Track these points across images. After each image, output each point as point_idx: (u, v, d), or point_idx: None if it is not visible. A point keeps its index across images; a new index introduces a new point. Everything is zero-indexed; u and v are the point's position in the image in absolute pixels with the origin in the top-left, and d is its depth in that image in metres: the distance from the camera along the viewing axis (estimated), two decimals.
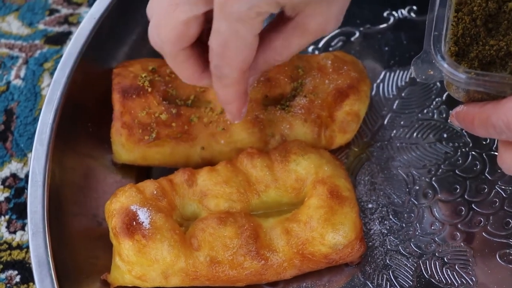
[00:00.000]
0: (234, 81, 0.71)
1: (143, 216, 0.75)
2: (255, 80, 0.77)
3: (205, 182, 0.78)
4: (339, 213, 0.76)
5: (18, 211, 0.87)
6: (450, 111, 0.74)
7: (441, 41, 0.71)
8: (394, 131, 0.86)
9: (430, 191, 0.83)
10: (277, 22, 0.71)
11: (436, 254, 0.80)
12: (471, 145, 0.84)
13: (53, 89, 0.83)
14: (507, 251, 0.79)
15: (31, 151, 0.89)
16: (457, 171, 0.83)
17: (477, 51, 0.72)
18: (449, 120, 0.76)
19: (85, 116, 0.85)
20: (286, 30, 0.70)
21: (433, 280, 0.79)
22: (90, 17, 0.86)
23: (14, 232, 0.86)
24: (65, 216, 0.79)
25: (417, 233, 0.81)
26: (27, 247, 0.85)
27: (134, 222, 0.75)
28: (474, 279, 0.78)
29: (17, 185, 0.88)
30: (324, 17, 0.68)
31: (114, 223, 0.75)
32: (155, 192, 0.77)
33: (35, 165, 0.79)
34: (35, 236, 0.76)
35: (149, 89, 0.82)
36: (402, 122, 0.87)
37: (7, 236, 0.86)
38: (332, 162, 0.80)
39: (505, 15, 0.73)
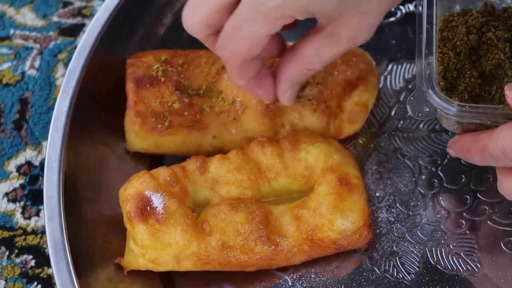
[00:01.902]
0: (234, 66, 0.72)
1: (157, 201, 0.77)
2: (294, 94, 0.77)
3: (217, 170, 0.80)
4: (348, 200, 0.78)
5: (33, 198, 0.89)
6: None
7: (432, 79, 0.74)
8: (401, 122, 0.88)
9: (436, 181, 0.84)
10: (310, 32, 0.71)
11: (442, 241, 0.81)
12: None
13: (68, 78, 0.84)
14: None
15: (45, 139, 0.91)
16: (462, 161, 0.85)
17: (465, 84, 0.75)
18: (447, 149, 0.79)
19: (99, 105, 0.87)
20: (318, 39, 0.70)
21: (439, 267, 0.80)
22: (104, 8, 0.88)
23: (29, 218, 0.88)
24: (80, 201, 0.81)
25: (423, 221, 0.83)
26: (42, 233, 0.87)
27: (148, 207, 0.76)
28: (479, 266, 0.80)
29: (32, 173, 0.90)
30: (356, 27, 0.68)
31: (129, 208, 0.77)
32: (168, 179, 0.79)
33: (51, 152, 0.80)
34: (51, 220, 0.77)
35: (162, 79, 0.84)
36: (408, 114, 0.88)
37: (22, 222, 0.87)
38: (341, 150, 0.82)
39: (485, 46, 0.75)
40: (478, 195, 0.83)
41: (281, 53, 0.76)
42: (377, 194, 0.84)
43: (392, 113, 0.89)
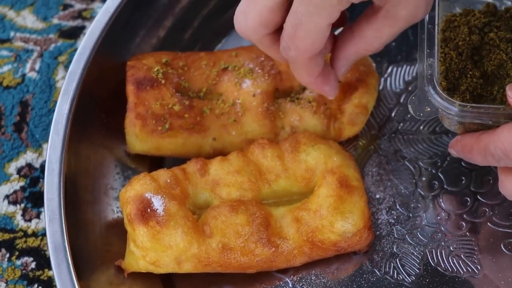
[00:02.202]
0: (301, 65, 0.72)
1: (157, 203, 0.77)
2: (346, 71, 0.78)
3: (217, 172, 0.80)
4: (348, 202, 0.78)
5: (33, 200, 0.89)
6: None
7: (434, 79, 0.74)
8: (401, 124, 0.88)
9: (436, 182, 0.85)
10: (367, 13, 0.71)
11: (442, 243, 0.82)
12: None
13: (68, 81, 0.84)
14: None
15: (46, 141, 0.91)
16: (462, 163, 0.85)
17: (467, 84, 0.75)
18: (448, 149, 0.80)
19: (100, 107, 0.87)
20: (376, 20, 0.70)
21: (439, 268, 0.80)
22: (105, 10, 0.88)
23: (30, 220, 0.88)
24: (81, 204, 0.81)
25: (423, 223, 0.83)
26: (42, 235, 0.87)
27: (149, 209, 0.77)
28: (479, 268, 0.80)
29: (33, 175, 0.90)
30: (413, 4, 0.69)
31: (129, 210, 0.77)
32: (168, 181, 0.79)
33: (52, 154, 0.80)
34: (51, 222, 0.77)
35: (163, 81, 0.84)
36: (409, 115, 0.88)
37: (22, 224, 0.88)
38: (341, 152, 0.82)
39: (487, 46, 0.75)
40: (479, 197, 0.83)
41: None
42: (377, 196, 0.85)
43: (392, 115, 0.89)
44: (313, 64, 0.73)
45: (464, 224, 0.82)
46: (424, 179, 0.85)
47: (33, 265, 0.85)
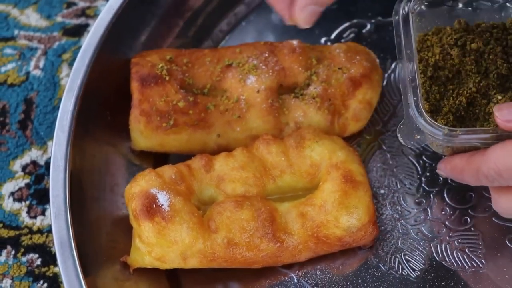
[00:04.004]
0: None
1: (163, 199, 0.77)
2: (312, 14, 0.74)
3: (222, 167, 0.80)
4: (353, 197, 0.78)
5: (38, 197, 0.89)
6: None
7: (420, 105, 0.74)
8: None
9: (440, 178, 0.85)
10: None
11: (447, 238, 0.82)
12: None
13: (73, 78, 0.84)
14: None
15: (50, 139, 0.91)
16: None
17: (449, 106, 0.75)
18: (437, 171, 0.79)
19: (104, 104, 0.87)
20: None
21: (444, 263, 0.81)
22: (109, 8, 0.88)
23: (35, 217, 0.88)
24: (86, 200, 0.81)
25: (428, 218, 0.83)
26: (48, 232, 0.87)
27: (154, 205, 0.77)
28: (484, 262, 0.80)
29: (37, 172, 0.90)
30: None
31: (135, 206, 0.77)
32: (173, 177, 0.79)
33: (57, 151, 0.81)
34: (57, 218, 0.77)
35: (167, 78, 0.84)
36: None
37: (27, 221, 0.88)
38: (345, 148, 0.82)
39: (467, 66, 0.76)
40: (483, 192, 0.84)
41: None
42: (382, 191, 0.85)
43: (396, 110, 0.89)
44: None
45: (468, 219, 0.83)
46: (428, 174, 0.85)
47: (38, 261, 0.85)
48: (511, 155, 0.69)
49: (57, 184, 0.79)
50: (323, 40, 0.94)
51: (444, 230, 0.82)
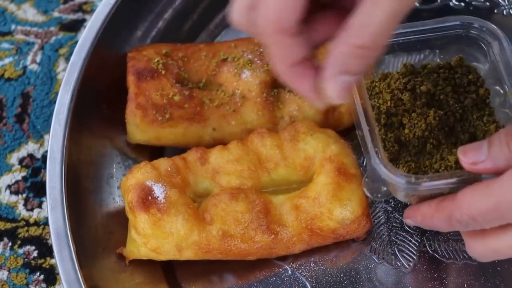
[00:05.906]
0: (271, 42, 0.62)
1: (158, 191, 0.78)
2: (344, 86, 0.64)
3: (217, 160, 0.81)
4: (346, 189, 0.79)
5: (35, 190, 0.90)
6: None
7: (382, 157, 0.72)
8: None
9: None
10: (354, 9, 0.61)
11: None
12: None
13: (70, 72, 0.85)
14: None
15: (47, 132, 0.92)
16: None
17: (407, 152, 0.75)
18: (404, 219, 0.77)
19: (100, 98, 0.88)
20: (362, 8, 0.60)
21: (436, 255, 0.81)
22: (105, 3, 0.89)
23: (31, 210, 0.89)
24: (82, 192, 0.82)
25: None
26: (44, 224, 0.88)
27: (150, 197, 0.77)
28: None
29: (34, 165, 0.91)
30: None
31: (130, 198, 0.78)
32: (169, 169, 0.80)
33: (53, 143, 0.81)
34: (54, 210, 0.78)
35: (163, 72, 0.85)
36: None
37: (24, 213, 0.88)
38: (339, 141, 0.83)
39: (416, 109, 0.76)
40: None
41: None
42: None
43: None
44: (285, 44, 0.62)
45: None
46: None
47: (35, 253, 0.86)
48: (482, 199, 0.66)
49: (53, 176, 0.80)
50: None
51: None
